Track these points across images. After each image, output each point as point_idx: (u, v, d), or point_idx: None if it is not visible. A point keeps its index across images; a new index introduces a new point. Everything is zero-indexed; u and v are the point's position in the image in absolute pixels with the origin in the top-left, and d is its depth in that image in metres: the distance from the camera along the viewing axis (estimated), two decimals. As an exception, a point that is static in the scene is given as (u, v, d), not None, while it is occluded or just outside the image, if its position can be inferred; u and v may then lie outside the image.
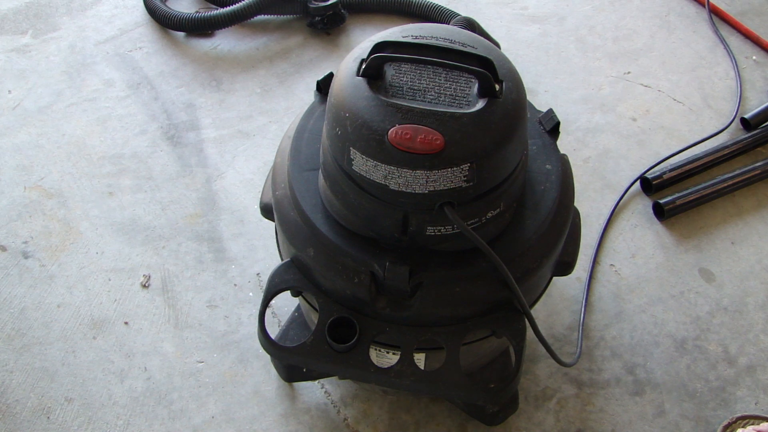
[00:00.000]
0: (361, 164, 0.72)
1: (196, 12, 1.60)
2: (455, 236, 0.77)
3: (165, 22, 1.58)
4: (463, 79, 0.74)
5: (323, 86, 0.91)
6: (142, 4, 1.62)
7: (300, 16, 1.62)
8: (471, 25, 1.48)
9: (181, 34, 1.59)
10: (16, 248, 1.22)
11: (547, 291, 0.93)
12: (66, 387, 1.07)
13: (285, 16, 1.64)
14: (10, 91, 1.46)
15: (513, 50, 1.59)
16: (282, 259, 0.92)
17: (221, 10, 1.55)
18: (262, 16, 1.61)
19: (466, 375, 0.82)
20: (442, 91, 0.73)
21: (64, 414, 1.04)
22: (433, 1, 1.63)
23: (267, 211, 0.92)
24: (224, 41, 1.59)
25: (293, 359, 0.87)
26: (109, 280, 1.19)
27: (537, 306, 0.92)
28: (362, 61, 0.74)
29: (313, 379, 1.04)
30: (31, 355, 1.10)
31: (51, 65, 1.52)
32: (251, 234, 1.25)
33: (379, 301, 0.80)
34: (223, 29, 1.59)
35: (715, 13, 1.67)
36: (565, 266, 0.92)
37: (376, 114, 0.70)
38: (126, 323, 1.14)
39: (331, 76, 0.91)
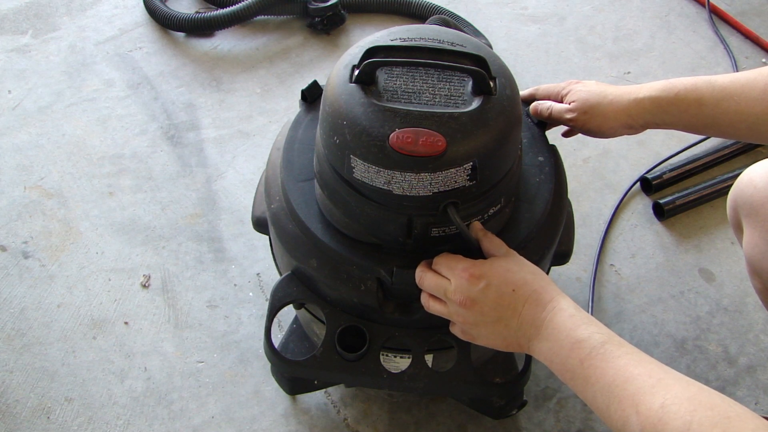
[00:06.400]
0: (363, 171, 0.72)
1: (196, 12, 1.60)
2: (460, 236, 0.77)
3: (165, 22, 1.58)
4: (456, 78, 0.73)
5: (308, 95, 0.91)
6: (142, 4, 1.63)
7: (300, 16, 1.62)
8: (446, 23, 1.48)
9: (181, 34, 1.59)
10: (16, 248, 1.22)
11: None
12: (66, 387, 1.07)
13: (285, 16, 1.64)
14: (10, 91, 1.46)
15: (513, 50, 1.59)
16: (280, 273, 0.91)
17: (221, 11, 1.56)
18: (262, 16, 1.61)
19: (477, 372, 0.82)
20: (436, 92, 0.72)
21: (64, 414, 1.04)
22: (433, 2, 1.63)
23: (261, 225, 0.92)
24: (224, 41, 1.59)
25: (304, 373, 0.86)
26: (109, 280, 1.19)
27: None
28: (353, 67, 0.73)
29: (318, 389, 1.02)
30: (31, 355, 1.10)
31: (51, 65, 1.52)
32: (251, 234, 1.24)
33: (387, 307, 0.80)
34: (223, 29, 1.59)
35: (715, 13, 1.68)
36: (563, 256, 0.92)
37: (374, 120, 0.70)
38: (126, 323, 1.14)
39: (315, 84, 0.91)
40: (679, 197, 1.29)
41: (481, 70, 0.71)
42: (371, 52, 0.73)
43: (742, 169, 1.31)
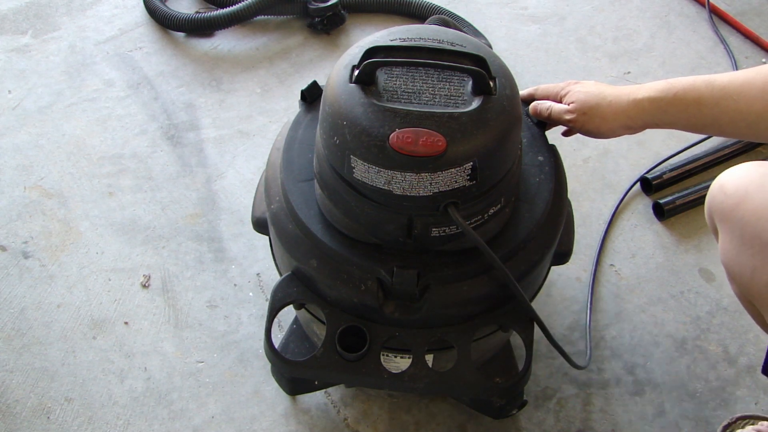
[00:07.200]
0: (363, 171, 0.72)
1: (196, 12, 1.60)
2: (460, 235, 0.77)
3: (165, 22, 1.58)
4: (456, 78, 0.74)
5: (308, 95, 0.91)
6: (142, 4, 1.62)
7: (300, 16, 1.62)
8: (446, 23, 1.48)
9: (181, 34, 1.59)
10: (16, 248, 1.22)
11: (546, 292, 0.94)
12: (66, 387, 1.07)
13: (285, 16, 1.64)
14: (10, 91, 1.46)
15: (513, 50, 1.59)
16: (280, 273, 0.91)
17: (221, 11, 1.55)
18: (262, 16, 1.61)
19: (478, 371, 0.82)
20: (436, 92, 0.72)
21: (64, 414, 1.04)
22: (433, 2, 1.63)
23: (261, 226, 0.92)
24: (224, 41, 1.59)
25: (304, 373, 0.86)
26: (109, 280, 1.19)
27: (537, 306, 0.92)
28: (353, 67, 0.73)
29: (318, 389, 1.03)
30: (31, 355, 1.10)
31: (51, 65, 1.51)
32: (251, 234, 1.24)
33: (387, 307, 0.80)
34: (223, 29, 1.59)
35: (715, 13, 1.68)
36: (562, 256, 0.92)
37: (374, 120, 0.70)
38: (126, 323, 1.14)
39: (315, 84, 0.91)
40: (679, 197, 1.29)
41: (481, 70, 0.71)
42: (371, 52, 0.73)
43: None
